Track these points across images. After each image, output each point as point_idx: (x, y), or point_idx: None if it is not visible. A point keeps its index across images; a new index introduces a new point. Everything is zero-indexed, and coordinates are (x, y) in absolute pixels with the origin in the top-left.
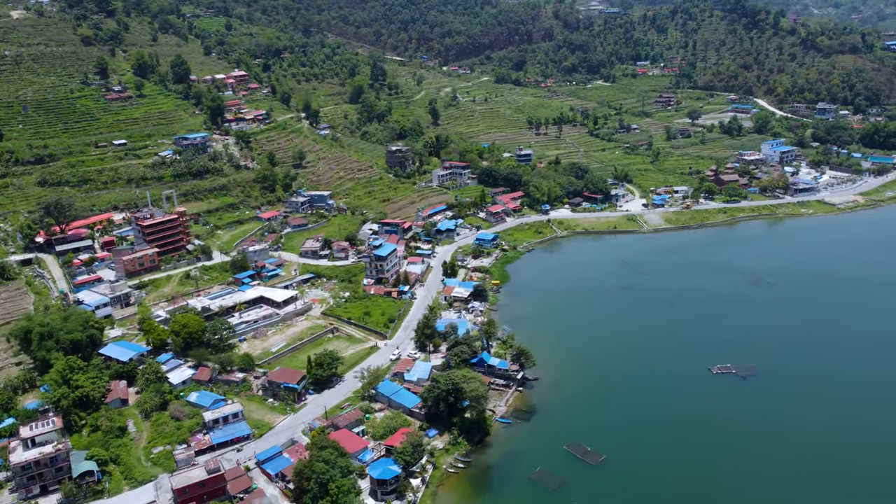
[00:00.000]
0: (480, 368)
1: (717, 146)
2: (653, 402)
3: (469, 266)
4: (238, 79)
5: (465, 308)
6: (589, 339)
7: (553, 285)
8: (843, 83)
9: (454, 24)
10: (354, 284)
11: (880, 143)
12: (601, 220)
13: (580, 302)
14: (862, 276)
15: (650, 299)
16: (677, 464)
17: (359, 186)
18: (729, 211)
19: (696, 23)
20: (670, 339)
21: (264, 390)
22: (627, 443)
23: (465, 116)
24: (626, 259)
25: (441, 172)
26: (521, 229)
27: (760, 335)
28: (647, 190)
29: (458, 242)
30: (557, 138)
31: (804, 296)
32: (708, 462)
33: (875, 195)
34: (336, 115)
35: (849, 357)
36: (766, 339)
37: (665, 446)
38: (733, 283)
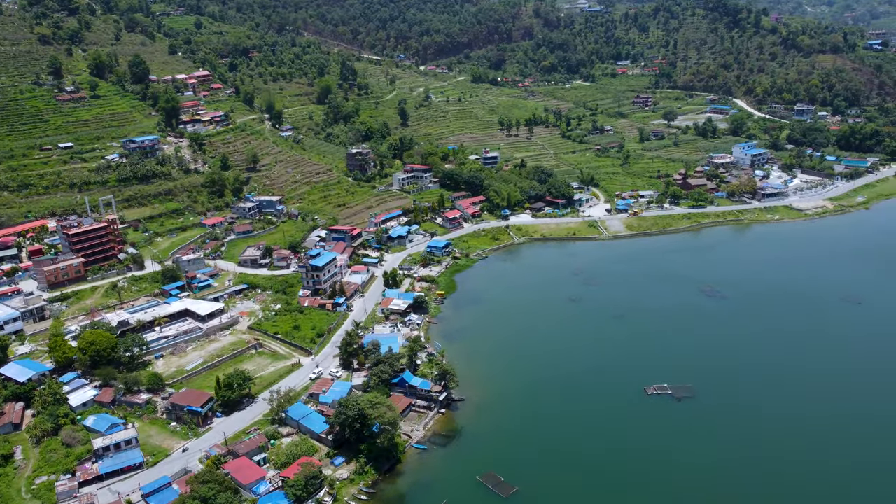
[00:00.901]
0: (402, 389)
1: (690, 148)
2: (578, 428)
3: (416, 275)
4: (200, 79)
5: (402, 321)
6: (525, 356)
7: (499, 296)
8: (823, 83)
9: (433, 22)
10: (289, 296)
11: (856, 145)
12: (561, 226)
13: (524, 315)
14: (818, 289)
15: (596, 312)
16: (593, 499)
17: (315, 190)
18: (693, 217)
19: (678, 21)
20: (610, 356)
21: (168, 413)
22: (544, 473)
23: (437, 117)
24: (579, 268)
25: (402, 176)
26: (478, 236)
27: (704, 352)
28: (613, 194)
29: (410, 250)
30: (528, 140)
31: (756, 310)
32: (626, 499)
33: (845, 200)
34: (301, 117)
35: (791, 378)
36: (709, 357)
37: (583, 479)
38: (686, 294)
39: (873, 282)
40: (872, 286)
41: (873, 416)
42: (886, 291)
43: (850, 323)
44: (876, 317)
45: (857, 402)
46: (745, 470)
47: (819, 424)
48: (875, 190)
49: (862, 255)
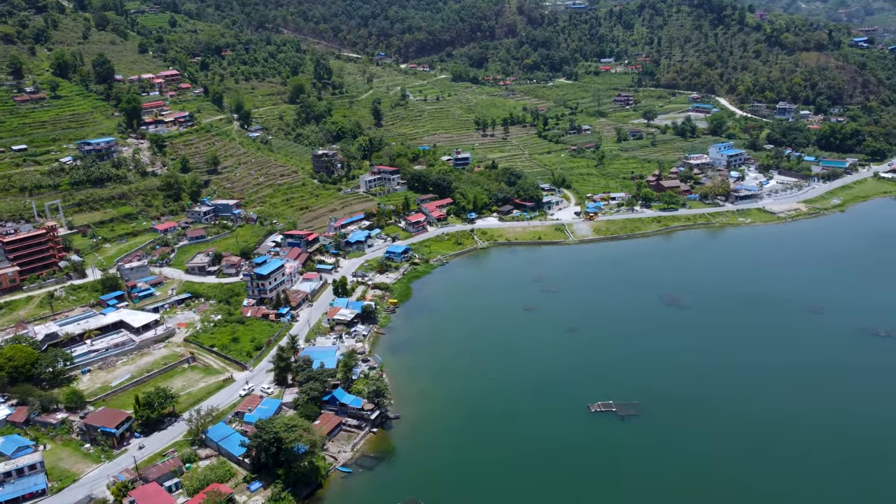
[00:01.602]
0: (332, 407)
1: (668, 148)
2: (514, 451)
3: (370, 282)
4: (168, 78)
5: (348, 332)
6: (470, 370)
7: (454, 304)
8: (805, 82)
9: (415, 19)
10: (233, 306)
11: (836, 145)
12: (527, 230)
13: (476, 325)
14: (782, 297)
15: (550, 323)
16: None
17: (278, 193)
18: (663, 220)
19: (663, 18)
20: (557, 371)
21: (82, 434)
22: (469, 501)
23: (412, 117)
24: (540, 274)
25: (369, 178)
26: (441, 240)
27: (656, 366)
28: (584, 196)
29: (369, 255)
30: (504, 140)
31: (715, 320)
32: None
33: (819, 203)
34: (271, 117)
35: (745, 396)
36: (660, 371)
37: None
38: (645, 303)
39: (839, 289)
40: (837, 294)
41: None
42: (850, 300)
43: (811, 334)
44: (835, 327)
45: (814, 423)
46: (685, 498)
47: (773, 448)
48: (852, 192)
49: (831, 260)
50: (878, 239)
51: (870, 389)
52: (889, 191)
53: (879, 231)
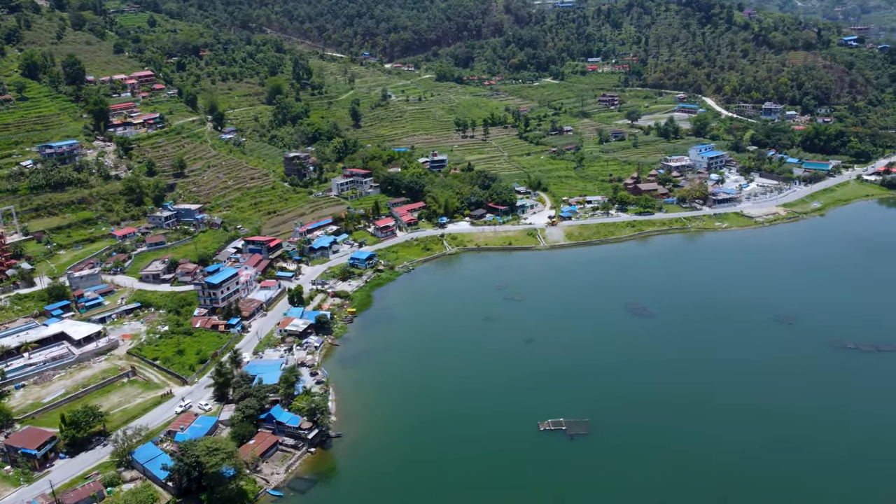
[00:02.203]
0: (270, 425)
1: (650, 150)
2: (456, 473)
3: (330, 291)
4: (141, 79)
5: (300, 344)
6: (420, 385)
7: (413, 314)
8: (792, 81)
9: (400, 18)
10: (183, 316)
11: (820, 146)
12: (498, 235)
13: (433, 336)
14: (752, 306)
15: (509, 334)
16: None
17: (246, 197)
18: (638, 225)
19: (651, 17)
20: (510, 386)
21: (3, 455)
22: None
23: (393, 118)
24: (505, 282)
25: (341, 181)
26: (410, 245)
27: (612, 380)
28: (560, 200)
29: (334, 262)
30: (484, 141)
31: (680, 330)
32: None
33: (799, 206)
34: (246, 118)
35: (700, 413)
36: (616, 386)
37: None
38: (610, 312)
39: (811, 298)
40: (809, 303)
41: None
42: (821, 309)
43: (777, 346)
44: (802, 339)
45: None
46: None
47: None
48: (833, 195)
49: (806, 267)
50: (856, 244)
51: (828, 410)
52: (871, 194)
53: (857, 236)
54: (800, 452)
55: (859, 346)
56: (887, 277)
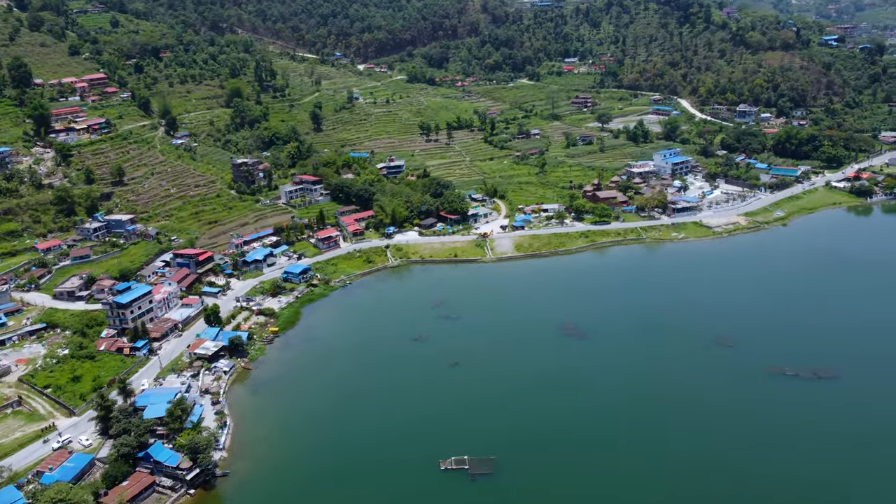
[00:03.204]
0: (147, 464)
1: (617, 154)
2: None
3: (255, 308)
4: (93, 82)
5: (208, 368)
6: (326, 416)
7: (339, 334)
8: (768, 83)
9: (375, 18)
10: (90, 337)
11: (792, 151)
12: (446, 246)
13: (354, 359)
14: (693, 327)
15: (435, 356)
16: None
17: (188, 206)
18: (591, 235)
19: (630, 16)
20: (422, 415)
21: None
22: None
23: (357, 121)
24: (442, 298)
25: (290, 188)
26: (352, 257)
27: (527, 410)
28: (516, 208)
29: (268, 275)
30: (447, 146)
31: (613, 353)
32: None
33: (761, 215)
34: (202, 122)
35: (616, 449)
36: (529, 419)
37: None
38: (543, 333)
39: (756, 317)
40: (753, 323)
41: None
42: (765, 330)
43: (711, 375)
44: (739, 364)
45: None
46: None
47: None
48: (799, 203)
49: (757, 282)
50: (814, 258)
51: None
52: (839, 202)
53: (817, 249)
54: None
55: (799, 372)
56: (839, 295)
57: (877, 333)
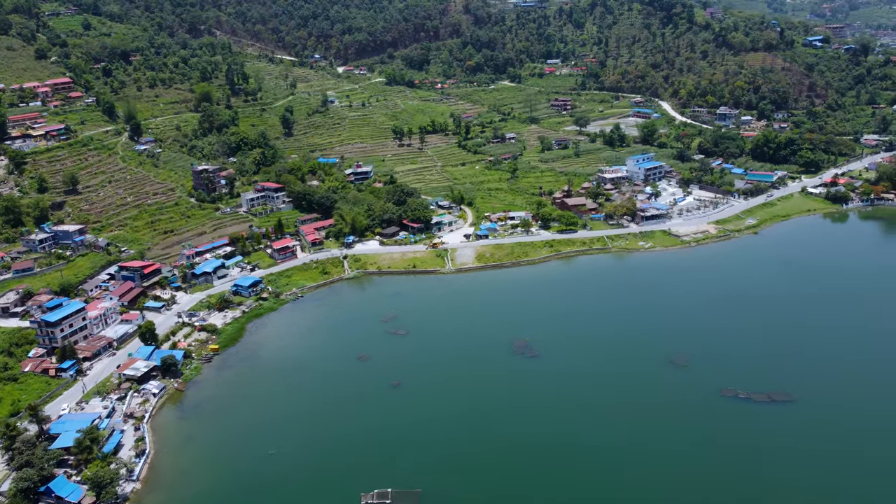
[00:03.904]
0: (50, 500)
1: (592, 159)
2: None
3: (198, 324)
4: (57, 87)
5: (137, 390)
6: (256, 442)
7: (282, 352)
8: (749, 85)
9: (356, 19)
10: (16, 357)
11: (770, 155)
12: (406, 257)
13: (292, 380)
14: (649, 344)
15: (377, 376)
16: None
17: (144, 215)
18: (556, 244)
19: (614, 17)
20: (351, 441)
21: None
22: None
23: (331, 125)
24: (394, 313)
25: (251, 196)
26: (308, 268)
27: (462, 439)
28: (483, 216)
29: (219, 288)
30: (420, 150)
31: (562, 374)
32: None
33: (732, 223)
34: (168, 127)
35: (551, 480)
36: (464, 446)
37: None
38: (493, 352)
39: (714, 336)
40: (711, 342)
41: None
42: (723, 348)
43: (662, 398)
44: (691, 387)
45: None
46: None
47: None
48: (772, 210)
49: (720, 296)
50: (782, 269)
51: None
52: (814, 208)
53: (787, 259)
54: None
55: (752, 395)
56: (801, 310)
57: (836, 352)
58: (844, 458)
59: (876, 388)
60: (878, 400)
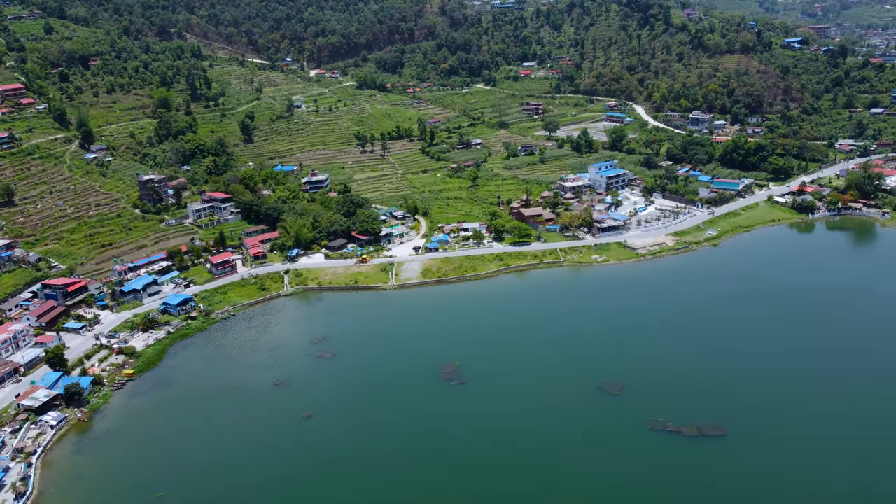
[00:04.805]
0: None
1: (557, 166)
2: None
3: (116, 346)
4: (7, 93)
5: (34, 422)
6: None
7: (199, 377)
8: (723, 88)
9: (330, 22)
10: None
11: (739, 162)
12: (349, 272)
13: (202, 411)
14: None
15: (290, 406)
16: None
17: (83, 228)
18: (506, 258)
19: (592, 18)
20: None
21: None
22: None
23: (294, 131)
24: (325, 334)
25: (198, 206)
26: (246, 284)
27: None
28: (436, 227)
29: (149, 306)
30: (382, 157)
31: (486, 403)
32: None
33: (692, 235)
34: (122, 134)
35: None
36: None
37: None
38: (419, 378)
39: (650, 361)
40: (646, 367)
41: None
42: (657, 375)
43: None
44: (621, 417)
45: None
46: None
47: None
48: (735, 220)
49: (666, 317)
50: (736, 286)
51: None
52: (779, 218)
53: (742, 275)
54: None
55: (681, 429)
56: (744, 332)
57: (776, 379)
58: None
59: (815, 421)
60: (817, 435)
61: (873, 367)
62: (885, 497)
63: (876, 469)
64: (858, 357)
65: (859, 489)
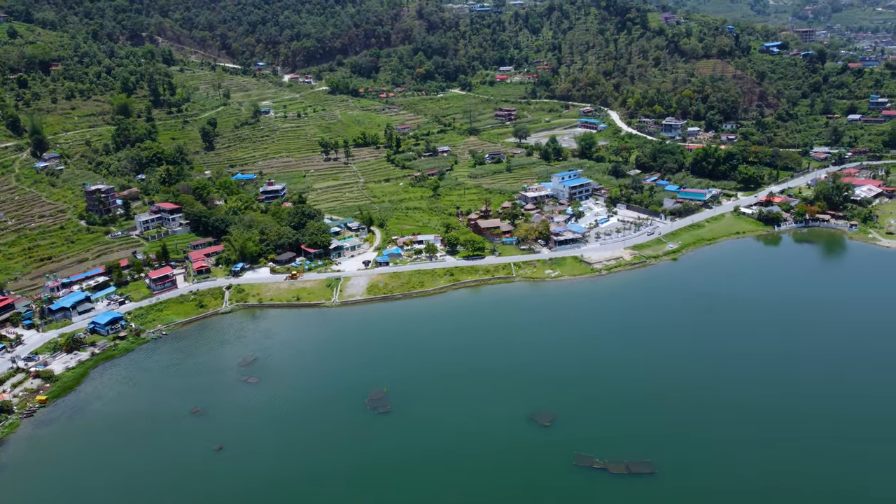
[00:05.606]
0: None
1: (524, 175)
2: None
3: (33, 370)
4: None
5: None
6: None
7: (115, 404)
8: (697, 94)
9: (305, 25)
10: None
11: (709, 170)
12: (293, 287)
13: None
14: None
15: (202, 436)
16: None
17: (22, 240)
18: (457, 273)
19: (570, 22)
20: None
21: None
22: None
23: (258, 138)
24: (257, 353)
25: (145, 218)
26: (184, 301)
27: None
28: (390, 239)
29: (78, 324)
30: (345, 165)
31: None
32: None
33: (651, 248)
34: (78, 142)
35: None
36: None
37: None
38: (343, 405)
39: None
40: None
41: None
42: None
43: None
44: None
45: None
46: None
47: None
48: (699, 233)
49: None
50: (690, 304)
51: None
52: (745, 231)
53: (700, 291)
54: None
55: (608, 465)
56: (692, 356)
57: (713, 411)
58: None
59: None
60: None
61: (826, 396)
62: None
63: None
64: (810, 385)
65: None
